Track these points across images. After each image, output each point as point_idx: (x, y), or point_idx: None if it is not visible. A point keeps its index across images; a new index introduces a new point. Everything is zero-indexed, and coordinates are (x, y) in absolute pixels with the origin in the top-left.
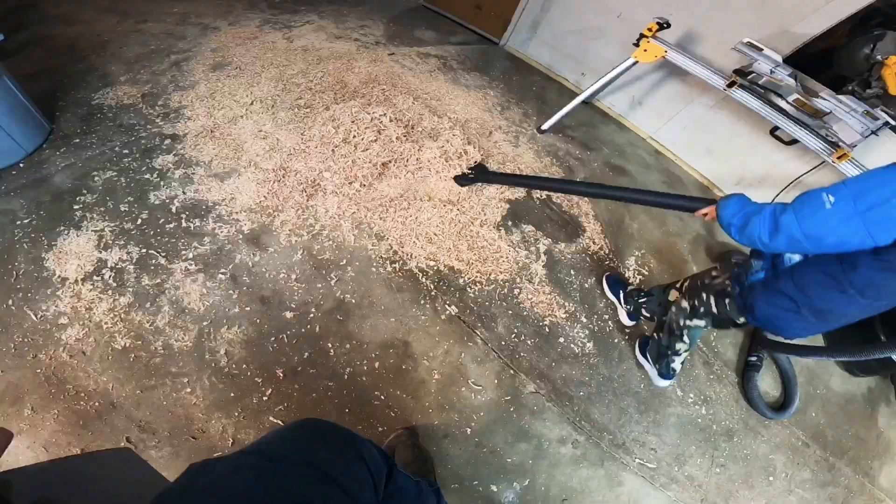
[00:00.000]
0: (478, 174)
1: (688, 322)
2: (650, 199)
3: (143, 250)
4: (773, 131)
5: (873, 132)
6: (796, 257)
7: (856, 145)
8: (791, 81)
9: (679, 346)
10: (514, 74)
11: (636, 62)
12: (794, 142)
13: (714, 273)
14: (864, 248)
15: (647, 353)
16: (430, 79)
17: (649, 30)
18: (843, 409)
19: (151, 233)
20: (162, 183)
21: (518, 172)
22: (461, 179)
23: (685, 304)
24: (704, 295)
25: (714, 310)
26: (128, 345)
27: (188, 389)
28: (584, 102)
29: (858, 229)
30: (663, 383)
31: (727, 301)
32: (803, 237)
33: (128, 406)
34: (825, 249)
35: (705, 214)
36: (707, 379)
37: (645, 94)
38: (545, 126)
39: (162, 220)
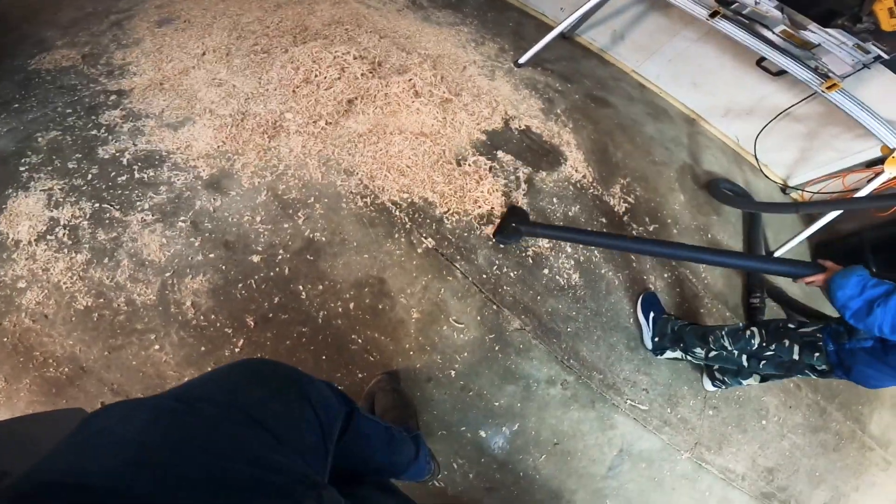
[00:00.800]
0: (518, 224)
1: (736, 352)
2: (747, 264)
3: (96, 205)
4: (760, 62)
5: (865, 65)
6: None
7: (846, 77)
8: (777, 13)
9: (697, 351)
10: (489, 10)
11: None
12: (781, 73)
13: (799, 324)
14: None
15: (650, 317)
16: (399, 17)
17: None
18: None
19: (103, 187)
20: (110, 137)
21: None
22: (502, 236)
23: (755, 339)
24: (787, 342)
25: (795, 356)
26: (90, 304)
27: (157, 346)
28: (564, 37)
29: None
30: (650, 347)
31: (816, 354)
32: None
33: (98, 369)
34: None
35: (812, 282)
36: (702, 319)
37: (626, 28)
38: (522, 59)
39: (113, 174)
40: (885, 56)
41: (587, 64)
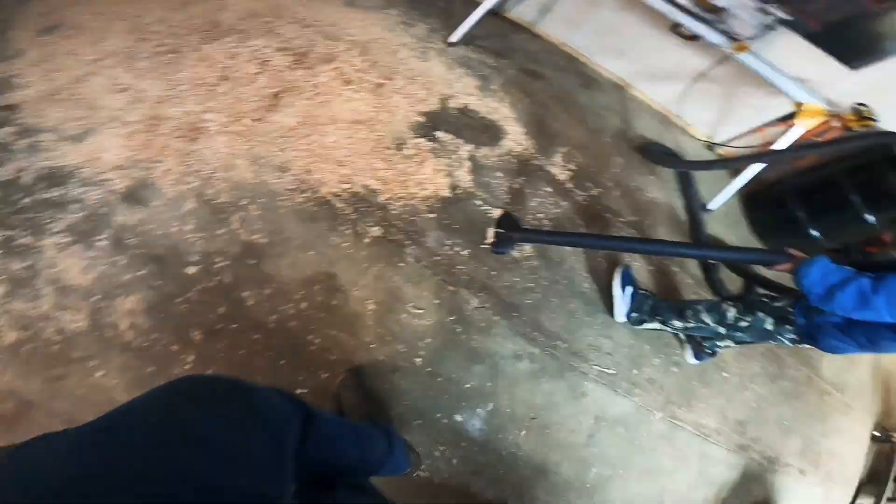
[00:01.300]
0: (510, 231)
1: (712, 324)
2: (724, 256)
3: (2, 233)
4: (676, 28)
5: (769, 27)
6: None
7: (753, 39)
8: None
9: (675, 323)
10: None
11: None
12: (695, 37)
13: (772, 298)
14: None
15: (627, 290)
16: (322, 4)
17: None
18: None
19: (7, 212)
20: (5, 157)
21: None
22: (500, 246)
23: (731, 312)
24: (761, 314)
25: (769, 327)
26: (18, 337)
27: (101, 372)
28: (494, 14)
29: None
30: (621, 319)
31: (787, 326)
32: (891, 318)
33: (43, 401)
34: None
35: (782, 269)
36: (648, 275)
37: (553, 2)
38: (454, 38)
39: (15, 197)
40: (787, 17)
41: (518, 39)
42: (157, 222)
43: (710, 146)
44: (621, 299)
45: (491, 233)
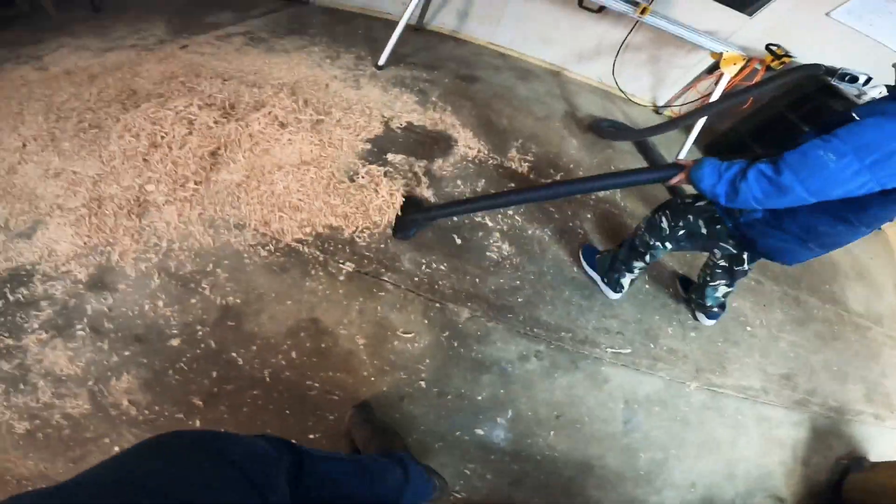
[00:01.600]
0: (415, 213)
1: (657, 242)
2: (616, 182)
3: None
4: (581, 3)
5: None
6: None
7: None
8: None
9: (636, 264)
10: (335, 26)
11: None
12: (602, 9)
13: (695, 198)
14: (871, 192)
15: (596, 264)
16: (240, 56)
17: None
18: None
19: None
20: None
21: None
22: (400, 231)
23: (664, 223)
24: (691, 217)
25: (703, 230)
26: (29, 427)
27: (116, 448)
28: (416, 29)
29: (867, 181)
30: (614, 296)
31: (718, 226)
32: (809, 195)
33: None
34: (829, 199)
35: (678, 182)
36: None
37: (467, 4)
38: (381, 61)
39: None
40: None
41: (445, 48)
42: (129, 304)
43: (657, 110)
44: (596, 276)
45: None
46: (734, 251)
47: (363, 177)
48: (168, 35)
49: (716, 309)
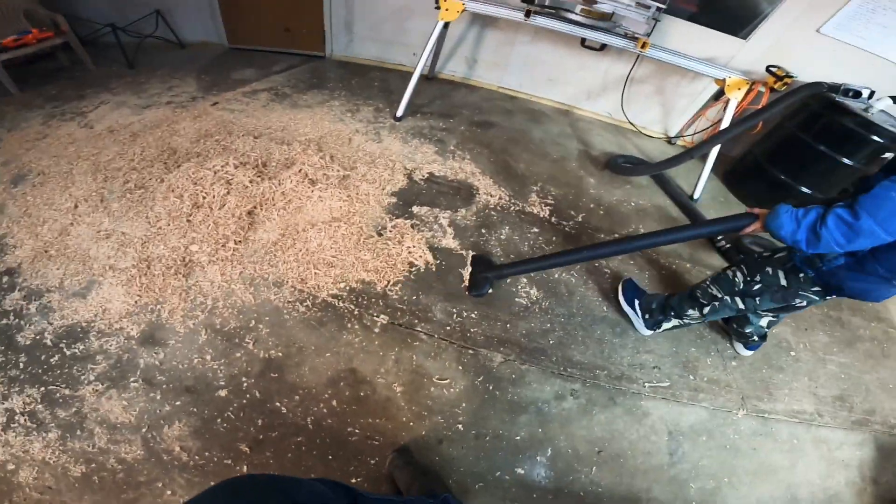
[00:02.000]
0: (486, 272)
1: (725, 296)
2: (689, 234)
3: (42, 389)
4: (584, 43)
5: (655, 19)
6: None
7: (649, 33)
8: None
9: (690, 312)
10: (352, 78)
11: (446, 24)
12: (604, 47)
13: (772, 250)
14: None
15: (636, 302)
16: (267, 112)
17: None
18: None
19: (40, 371)
20: (22, 322)
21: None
22: (476, 290)
23: (738, 277)
24: (769, 269)
25: (783, 282)
26: (84, 470)
27: (168, 492)
28: (428, 79)
29: None
30: (646, 332)
31: (801, 275)
32: (888, 235)
33: None
34: None
35: (753, 231)
36: (676, 284)
37: (475, 52)
38: (399, 112)
39: (43, 357)
40: (663, 6)
41: (458, 95)
42: (179, 357)
43: (669, 140)
44: (633, 313)
45: (466, 275)
46: (818, 298)
47: (391, 231)
48: (199, 92)
49: (756, 338)
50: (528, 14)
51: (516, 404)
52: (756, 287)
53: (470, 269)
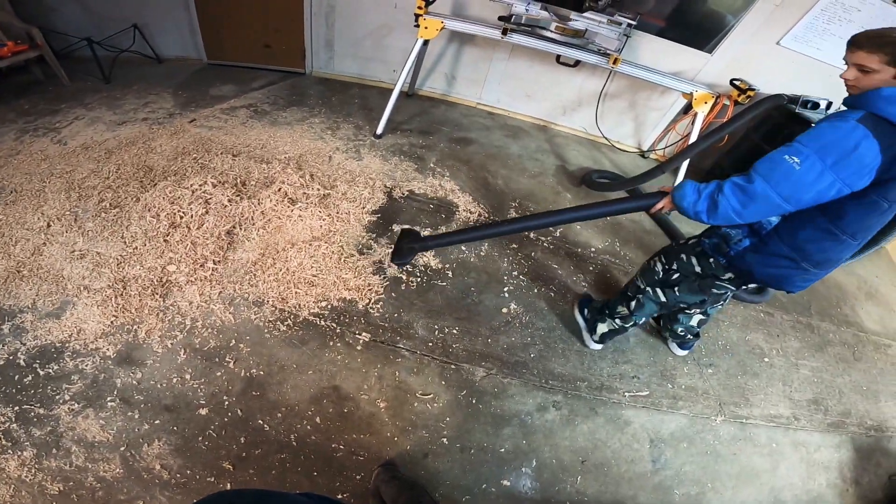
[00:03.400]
0: (411, 243)
1: (648, 287)
2: (604, 211)
3: (16, 408)
4: (558, 60)
5: (626, 35)
6: (774, 219)
7: (620, 49)
8: (545, 14)
9: (619, 309)
10: (331, 95)
11: (425, 41)
12: (577, 63)
13: (686, 237)
14: (842, 195)
15: (585, 311)
16: (246, 130)
17: (419, 8)
18: None
19: (13, 391)
20: None
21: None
22: (399, 258)
23: (658, 266)
24: (683, 255)
25: (696, 268)
26: (62, 488)
27: None
28: (409, 96)
29: (834, 182)
30: (594, 346)
31: (710, 261)
32: (782, 200)
33: None
34: (803, 206)
35: (662, 208)
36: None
37: (453, 68)
38: (379, 130)
39: (17, 377)
40: (633, 22)
41: (437, 112)
42: (157, 377)
43: (643, 154)
44: (582, 320)
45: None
46: (733, 287)
47: (373, 249)
48: (176, 108)
49: (689, 337)
50: (504, 32)
51: (500, 417)
52: (675, 276)
53: (398, 240)
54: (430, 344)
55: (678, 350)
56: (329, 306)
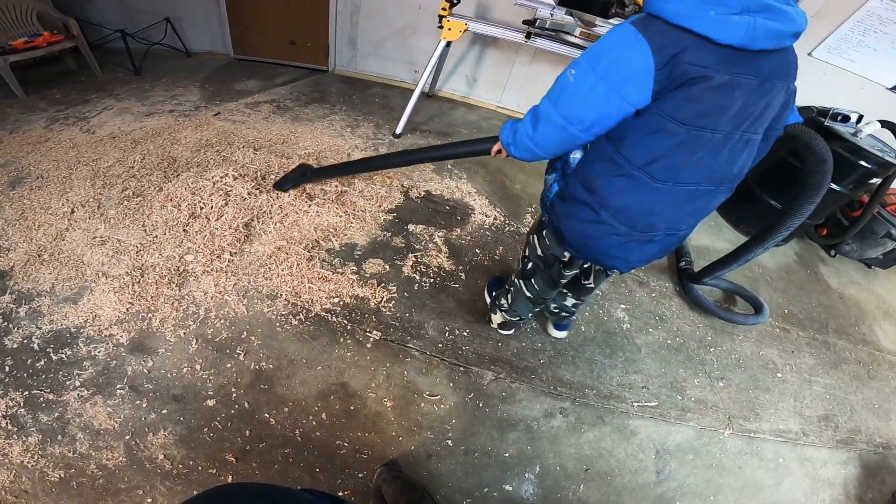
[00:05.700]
0: (296, 175)
1: (516, 279)
2: (448, 153)
3: (26, 392)
4: None
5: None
6: (578, 155)
7: None
8: (570, 19)
9: (503, 302)
10: (353, 94)
11: (448, 43)
12: None
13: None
14: (626, 115)
15: (493, 292)
16: (268, 125)
17: (443, 9)
18: (789, 281)
19: (24, 375)
20: (10, 325)
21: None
22: (279, 186)
23: (535, 241)
24: (529, 238)
25: (538, 249)
26: (63, 475)
27: (149, 500)
28: (429, 96)
29: (608, 94)
30: (502, 332)
31: (544, 233)
32: (565, 121)
33: None
34: (594, 129)
35: (499, 151)
36: (650, 298)
37: (475, 71)
38: (398, 130)
39: (30, 361)
40: None
41: (457, 114)
42: (168, 366)
43: None
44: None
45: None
46: (564, 256)
47: (387, 247)
48: (202, 101)
49: (564, 314)
50: (528, 36)
51: (506, 421)
52: (529, 265)
53: (291, 170)
54: (440, 345)
55: (556, 332)
56: (341, 303)
